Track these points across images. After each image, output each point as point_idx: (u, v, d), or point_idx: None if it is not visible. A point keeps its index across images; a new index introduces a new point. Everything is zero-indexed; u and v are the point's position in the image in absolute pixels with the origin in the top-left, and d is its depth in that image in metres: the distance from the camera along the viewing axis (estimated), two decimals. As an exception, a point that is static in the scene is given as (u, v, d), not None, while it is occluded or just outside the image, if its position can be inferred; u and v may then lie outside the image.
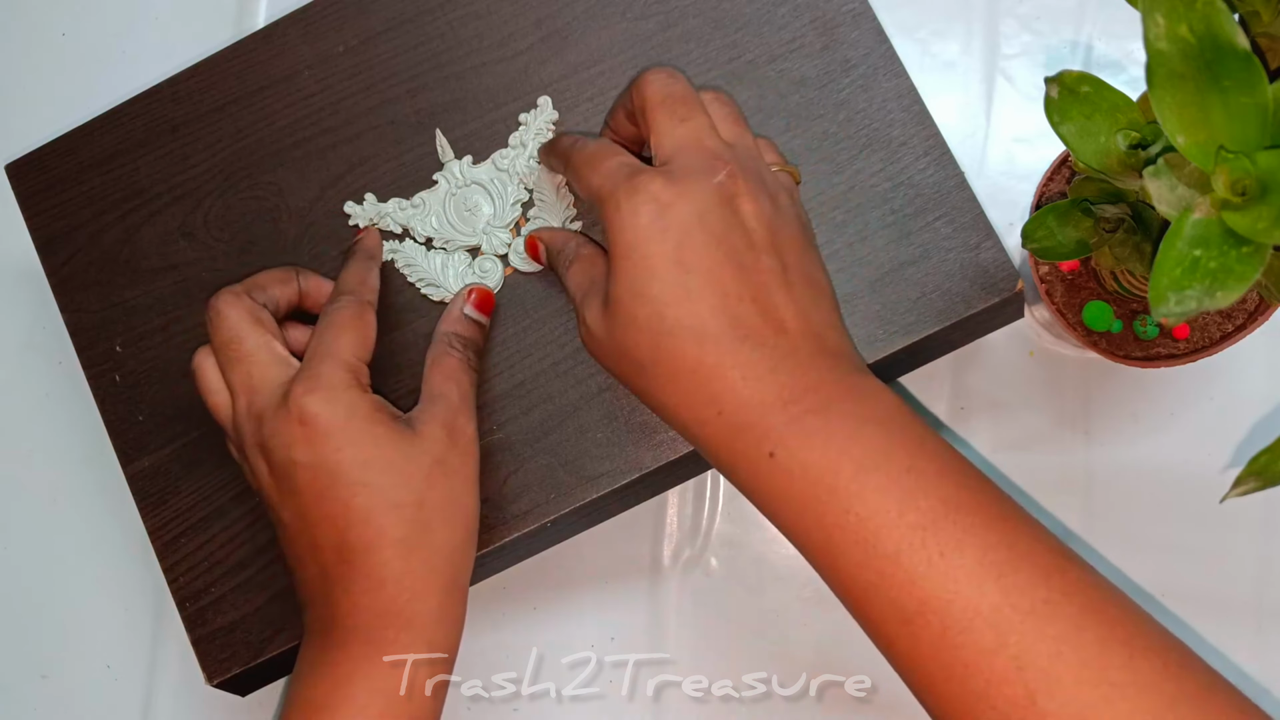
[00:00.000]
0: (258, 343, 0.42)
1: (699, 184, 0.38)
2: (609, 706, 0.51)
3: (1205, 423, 0.49)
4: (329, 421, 0.40)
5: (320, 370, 0.41)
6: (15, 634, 0.56)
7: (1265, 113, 0.28)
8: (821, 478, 0.35)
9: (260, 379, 0.42)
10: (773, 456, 0.36)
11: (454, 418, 0.43)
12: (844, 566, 0.35)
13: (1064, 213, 0.38)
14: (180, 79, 0.50)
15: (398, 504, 0.40)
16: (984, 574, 0.33)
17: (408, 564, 0.40)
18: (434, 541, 0.41)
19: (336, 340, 0.42)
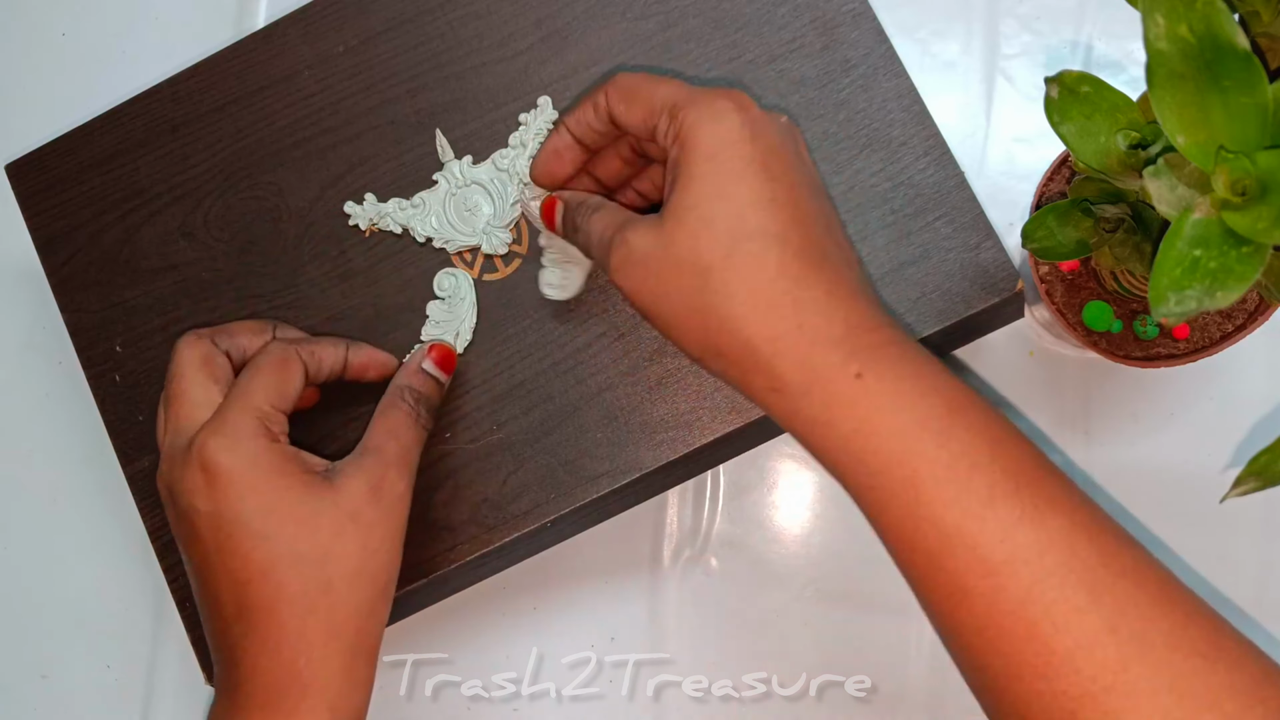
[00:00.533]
0: (193, 384, 0.41)
1: (771, 118, 0.38)
2: (609, 706, 0.51)
3: (1205, 423, 0.49)
4: (229, 470, 0.39)
5: (227, 417, 0.40)
6: (15, 634, 0.56)
7: (1265, 113, 0.28)
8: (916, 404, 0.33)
9: (183, 420, 0.41)
10: (860, 378, 0.34)
11: (384, 472, 0.41)
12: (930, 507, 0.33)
13: (1064, 213, 0.38)
14: (180, 79, 0.50)
15: (299, 559, 0.38)
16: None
17: (305, 624, 0.38)
18: (337, 600, 0.39)
19: (250, 385, 0.41)
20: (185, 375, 0.42)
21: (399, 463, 0.42)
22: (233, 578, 0.39)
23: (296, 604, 0.38)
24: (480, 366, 0.47)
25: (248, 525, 0.39)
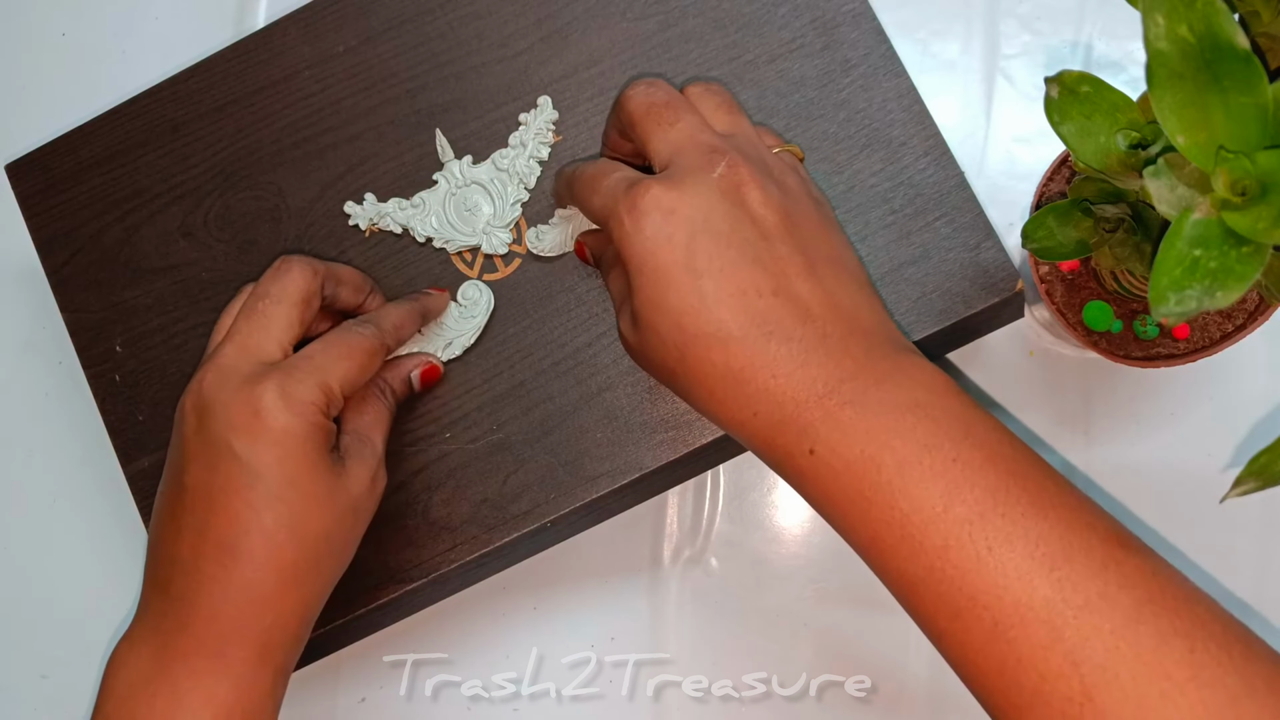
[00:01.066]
0: (283, 316, 0.41)
1: (699, 182, 0.37)
2: (609, 706, 0.51)
3: (1205, 423, 0.49)
4: (281, 430, 0.39)
5: (302, 379, 0.40)
6: (15, 634, 0.56)
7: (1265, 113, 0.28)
8: (864, 473, 0.34)
9: (252, 345, 0.41)
10: (813, 453, 0.35)
11: (378, 466, 0.43)
12: (891, 561, 0.34)
13: (1064, 213, 0.38)
14: (180, 79, 0.50)
15: (302, 534, 0.39)
16: (1035, 567, 0.32)
17: (285, 592, 0.39)
18: (315, 579, 0.40)
19: (336, 363, 0.41)
20: (283, 302, 0.42)
21: (384, 456, 0.44)
22: (233, 523, 0.39)
23: (285, 573, 0.39)
24: (480, 366, 0.47)
25: (270, 486, 0.39)
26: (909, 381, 0.36)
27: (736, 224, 0.37)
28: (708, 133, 0.39)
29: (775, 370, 0.36)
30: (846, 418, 0.35)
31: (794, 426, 0.35)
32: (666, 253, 0.37)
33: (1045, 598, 0.32)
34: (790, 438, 0.36)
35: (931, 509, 0.33)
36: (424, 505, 0.46)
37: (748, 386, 0.36)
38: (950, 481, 0.33)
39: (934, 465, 0.34)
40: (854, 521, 0.35)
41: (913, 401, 0.35)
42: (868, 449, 0.34)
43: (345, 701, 0.52)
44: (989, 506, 0.33)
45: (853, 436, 0.35)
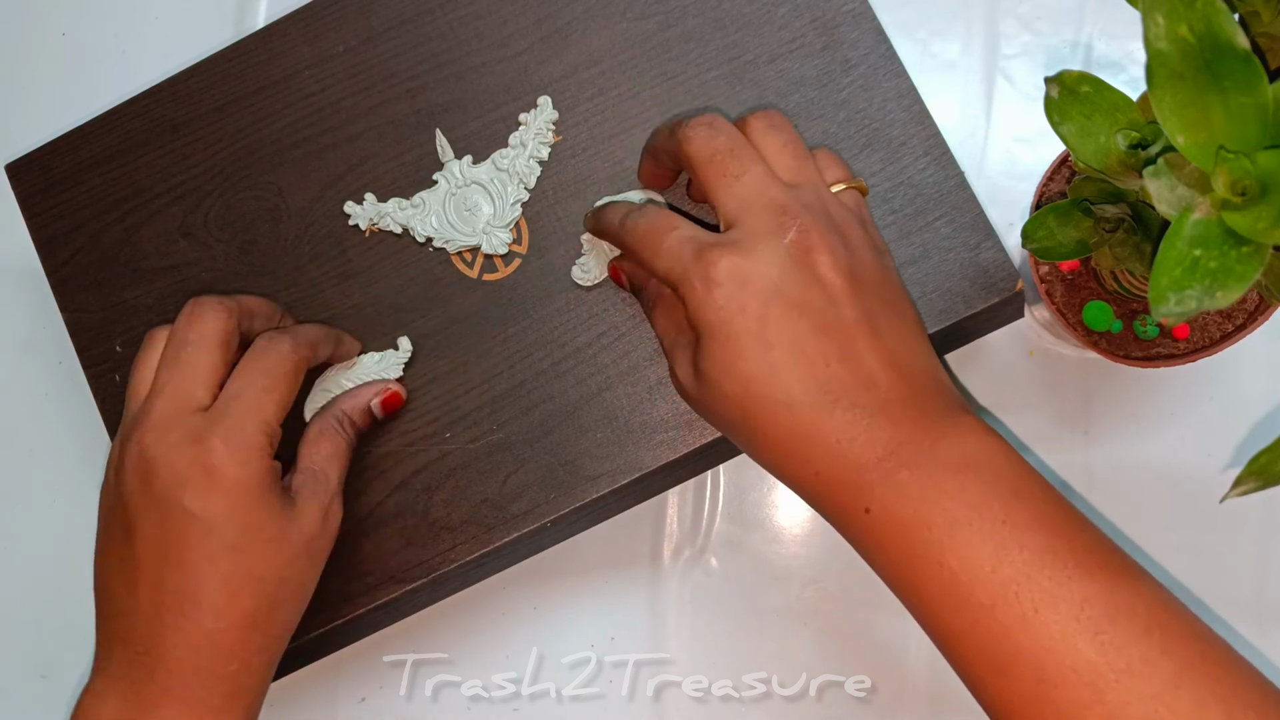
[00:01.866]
0: (204, 361, 0.42)
1: (771, 251, 0.38)
2: (609, 706, 0.51)
3: (1205, 423, 0.49)
4: (234, 482, 0.39)
5: (244, 425, 0.40)
6: (15, 634, 0.56)
7: (1265, 113, 0.28)
8: (916, 532, 0.35)
9: (184, 394, 0.41)
10: (869, 512, 0.36)
11: (330, 501, 0.43)
12: (938, 614, 0.36)
13: (1064, 213, 0.38)
14: (180, 79, 0.50)
15: (260, 577, 0.40)
16: (1079, 630, 0.33)
17: (248, 637, 0.40)
18: (278, 620, 0.41)
19: (266, 396, 0.41)
20: (203, 346, 0.42)
21: (339, 491, 0.44)
22: (187, 574, 0.39)
23: (246, 618, 0.40)
24: (480, 366, 0.47)
25: (224, 535, 0.39)
26: (962, 442, 0.37)
27: (807, 292, 0.37)
28: (776, 187, 0.39)
29: (839, 435, 0.37)
30: (902, 479, 0.36)
31: (852, 487, 0.37)
32: (740, 322, 0.37)
33: (1089, 660, 0.33)
34: (848, 496, 0.37)
35: (980, 568, 0.34)
36: (424, 505, 0.46)
37: (811, 450, 0.37)
38: (999, 542, 0.34)
39: (983, 526, 0.35)
40: (905, 576, 0.36)
41: (964, 462, 0.36)
42: (920, 509, 0.35)
43: (345, 701, 0.52)
44: (1036, 568, 0.34)
45: (907, 497, 0.36)
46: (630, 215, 0.41)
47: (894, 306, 0.39)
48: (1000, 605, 0.34)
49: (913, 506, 0.36)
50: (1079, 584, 0.34)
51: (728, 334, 0.37)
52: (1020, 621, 0.34)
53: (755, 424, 0.38)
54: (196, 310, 0.42)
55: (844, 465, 0.37)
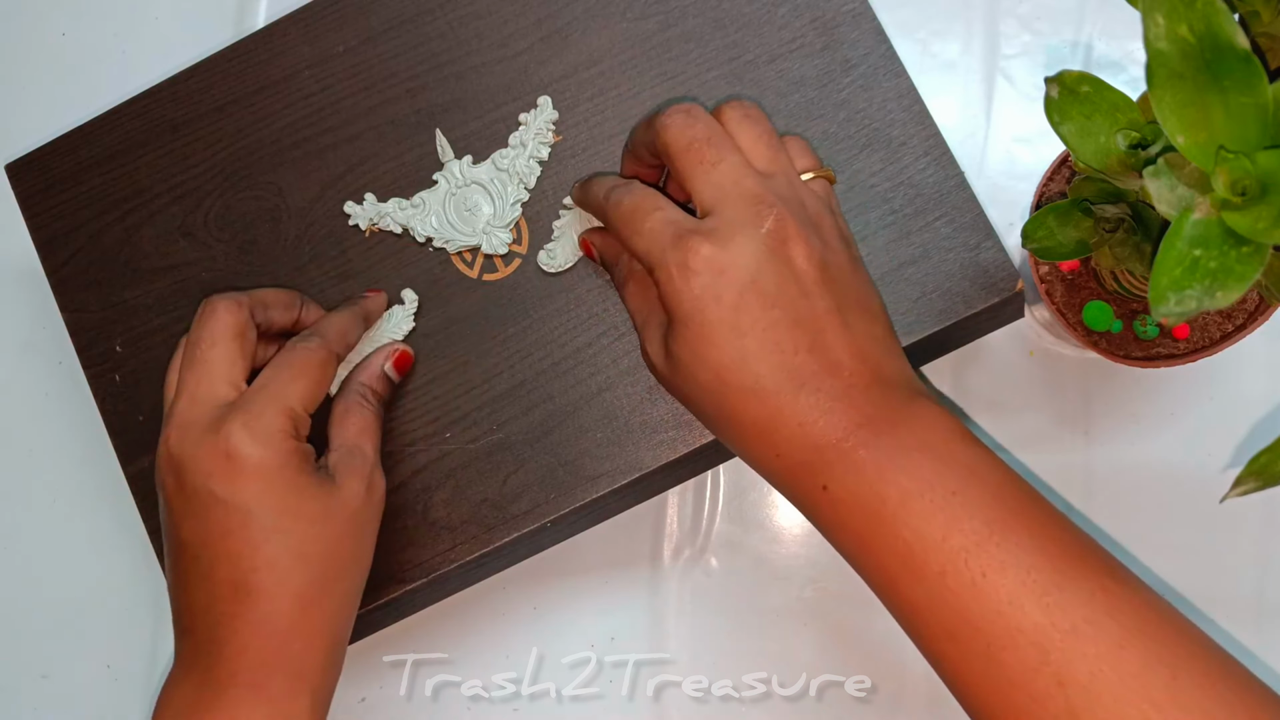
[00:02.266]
0: (223, 356, 0.42)
1: (747, 241, 0.38)
2: (609, 706, 0.51)
3: (1205, 423, 0.49)
4: (257, 464, 0.40)
5: (264, 411, 0.40)
6: (15, 634, 0.56)
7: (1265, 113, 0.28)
8: (869, 505, 0.36)
9: (203, 391, 0.41)
10: (825, 489, 0.37)
11: (371, 472, 0.43)
12: (895, 587, 0.37)
13: (1064, 213, 0.38)
14: (180, 79, 0.50)
15: (306, 556, 0.40)
16: (1026, 594, 0.34)
17: (305, 615, 0.40)
18: (333, 595, 0.41)
19: (291, 385, 0.41)
20: (217, 343, 0.42)
21: (377, 461, 0.44)
22: (236, 563, 0.40)
23: (299, 597, 0.40)
24: (480, 366, 0.47)
25: (262, 519, 0.40)
26: (920, 425, 0.37)
27: (782, 283, 0.38)
28: (751, 176, 0.40)
29: (802, 419, 0.37)
30: (859, 458, 0.37)
31: (813, 467, 0.38)
32: (714, 311, 0.38)
33: (1035, 622, 0.34)
34: (808, 475, 0.38)
35: (931, 538, 0.35)
36: (424, 505, 0.46)
37: (776, 433, 0.38)
38: (950, 514, 0.35)
39: (935, 499, 0.36)
40: (862, 551, 0.37)
41: (921, 443, 0.37)
42: (876, 485, 0.36)
43: (345, 701, 0.52)
44: (985, 536, 0.35)
45: (863, 475, 0.37)
46: (616, 190, 0.42)
47: (862, 297, 0.40)
48: (950, 573, 0.35)
49: (868, 483, 0.36)
50: (1027, 552, 0.35)
51: (701, 321, 0.38)
52: (970, 588, 0.35)
53: (725, 409, 0.39)
54: (208, 309, 0.43)
55: (805, 446, 0.38)
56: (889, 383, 0.39)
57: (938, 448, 0.37)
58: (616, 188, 0.42)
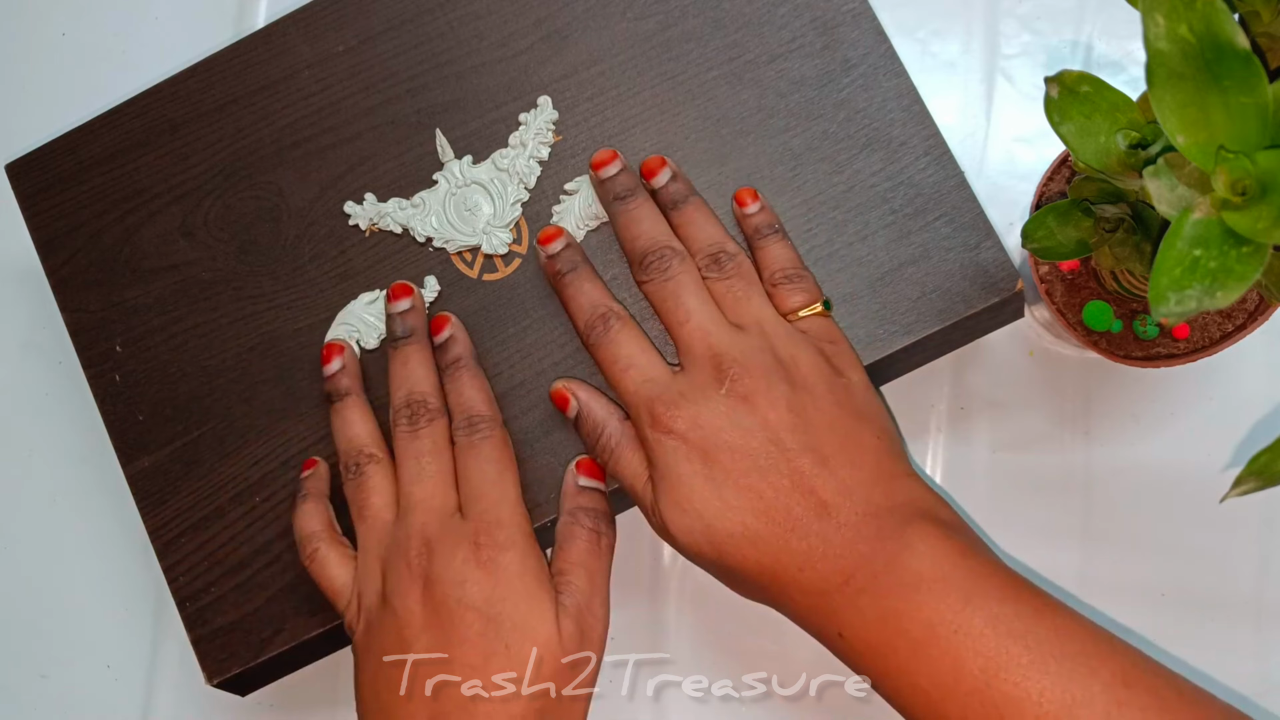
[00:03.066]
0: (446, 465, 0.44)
1: (709, 402, 0.40)
2: (609, 706, 0.51)
3: (1205, 423, 0.49)
4: (509, 573, 0.41)
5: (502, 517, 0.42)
6: (15, 634, 0.56)
7: (1265, 113, 0.28)
8: (884, 655, 0.38)
9: (442, 503, 0.43)
10: (842, 637, 0.39)
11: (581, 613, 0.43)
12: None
13: (1064, 213, 0.38)
14: (180, 79, 0.50)
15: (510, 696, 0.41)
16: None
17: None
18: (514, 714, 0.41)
19: (504, 484, 0.43)
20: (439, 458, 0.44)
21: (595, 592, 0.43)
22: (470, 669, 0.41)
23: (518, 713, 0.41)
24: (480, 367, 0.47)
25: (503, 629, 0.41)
26: (915, 555, 0.38)
27: (748, 436, 0.40)
28: (714, 335, 0.42)
29: (800, 564, 0.39)
30: (864, 605, 0.38)
31: (823, 612, 0.39)
32: (686, 466, 0.40)
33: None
34: (822, 620, 0.39)
35: (943, 685, 0.37)
36: (424, 505, 0.46)
37: (780, 579, 0.39)
38: (955, 656, 0.37)
39: (939, 641, 0.37)
40: (887, 693, 0.39)
41: (916, 578, 0.38)
42: (884, 634, 0.38)
43: (345, 701, 0.52)
44: (992, 674, 0.36)
45: (870, 623, 0.38)
46: (595, 330, 0.44)
47: (849, 433, 0.41)
48: (971, 715, 0.36)
49: (876, 631, 0.38)
50: (1034, 680, 0.36)
51: (677, 476, 0.40)
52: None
53: (726, 560, 0.40)
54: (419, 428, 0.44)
55: (810, 592, 0.39)
56: (882, 511, 0.39)
57: (934, 581, 0.38)
58: (595, 326, 0.44)
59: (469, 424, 0.44)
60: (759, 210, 0.45)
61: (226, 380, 0.48)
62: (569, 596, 0.42)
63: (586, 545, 0.44)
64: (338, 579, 0.44)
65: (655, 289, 0.43)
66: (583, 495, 0.45)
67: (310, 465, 0.47)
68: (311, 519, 0.45)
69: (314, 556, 0.45)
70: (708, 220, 0.45)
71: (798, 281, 0.44)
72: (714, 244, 0.44)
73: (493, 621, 0.41)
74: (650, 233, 0.44)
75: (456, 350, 0.46)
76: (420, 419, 0.44)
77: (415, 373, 0.45)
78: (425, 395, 0.45)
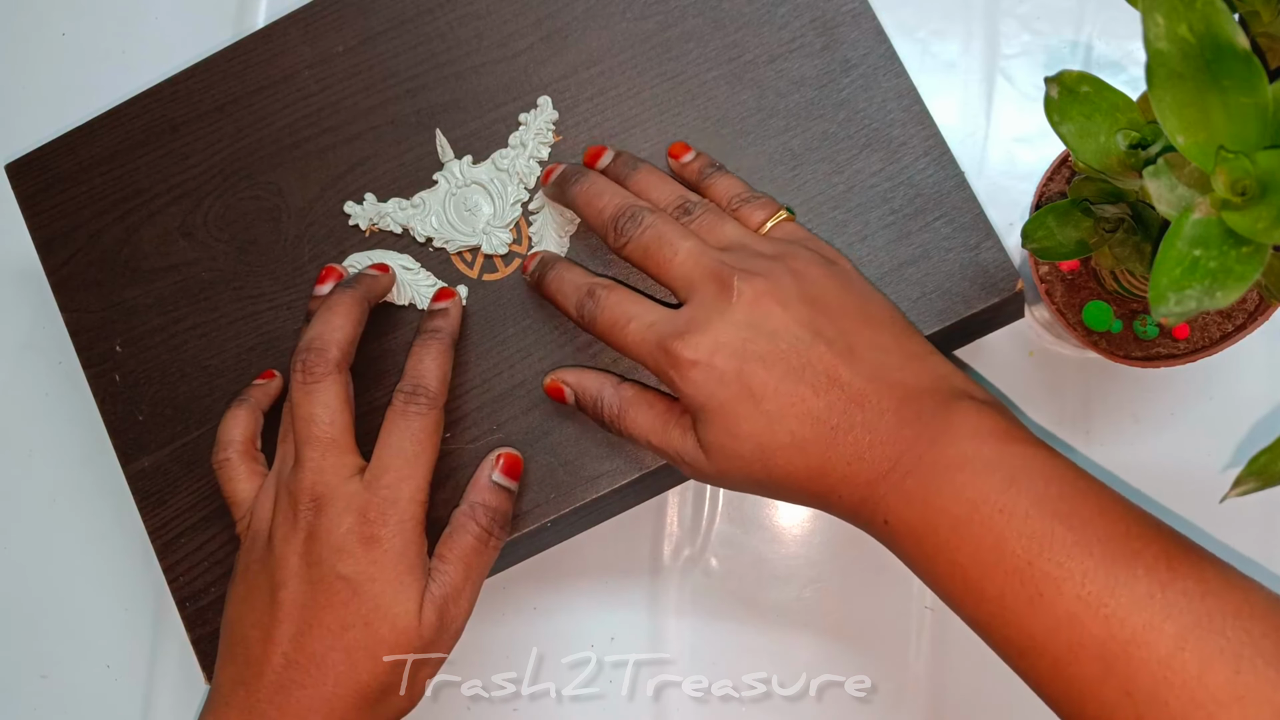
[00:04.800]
0: (340, 427, 0.43)
1: (723, 318, 0.40)
2: (609, 706, 0.51)
3: (1205, 423, 0.49)
4: (388, 555, 0.41)
5: (400, 496, 0.42)
6: (15, 634, 0.56)
7: (1265, 113, 0.28)
8: (928, 536, 0.37)
9: (332, 466, 0.42)
10: (888, 524, 0.38)
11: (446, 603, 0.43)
12: (963, 607, 0.38)
13: (1064, 213, 0.38)
14: (180, 79, 0.50)
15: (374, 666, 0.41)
16: (1082, 609, 0.34)
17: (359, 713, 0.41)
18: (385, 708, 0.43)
19: (417, 465, 0.43)
20: (331, 420, 0.43)
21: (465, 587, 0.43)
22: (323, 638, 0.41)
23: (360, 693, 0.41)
24: (480, 366, 0.47)
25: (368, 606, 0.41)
26: (958, 435, 0.38)
27: (772, 339, 0.39)
28: (710, 253, 0.41)
29: (848, 458, 0.39)
30: (909, 488, 0.38)
31: (870, 503, 0.39)
32: (722, 391, 0.39)
33: (1094, 635, 0.34)
34: (870, 512, 0.39)
35: (984, 563, 0.36)
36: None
37: (829, 478, 0.39)
38: (997, 534, 0.36)
39: (983, 520, 0.36)
40: (929, 575, 0.38)
41: (962, 457, 0.37)
42: (927, 514, 0.37)
43: (345, 701, 0.52)
44: (1035, 553, 0.35)
45: (914, 505, 0.38)
46: (586, 306, 0.43)
47: (864, 314, 0.41)
48: (1009, 594, 0.35)
49: (919, 512, 0.37)
50: (1078, 560, 0.35)
51: (718, 405, 0.39)
52: (1029, 606, 0.35)
53: (775, 472, 0.39)
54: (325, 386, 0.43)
55: (859, 485, 0.39)
56: (920, 394, 0.39)
57: (978, 461, 0.37)
58: (585, 303, 0.43)
59: (411, 391, 0.44)
60: (695, 157, 0.46)
61: (226, 380, 0.48)
62: (439, 585, 0.42)
63: (473, 543, 0.44)
64: (238, 492, 0.45)
65: (635, 244, 0.43)
66: (490, 492, 0.45)
67: (267, 375, 0.48)
68: (235, 426, 0.46)
69: (222, 465, 0.45)
70: (662, 179, 0.45)
71: (755, 199, 0.44)
72: (677, 196, 0.44)
73: (357, 595, 0.41)
74: (613, 199, 0.44)
75: (440, 322, 0.46)
76: (316, 369, 0.43)
77: (334, 320, 0.44)
78: (326, 345, 0.44)
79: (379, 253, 0.48)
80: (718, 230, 0.43)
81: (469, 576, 0.43)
